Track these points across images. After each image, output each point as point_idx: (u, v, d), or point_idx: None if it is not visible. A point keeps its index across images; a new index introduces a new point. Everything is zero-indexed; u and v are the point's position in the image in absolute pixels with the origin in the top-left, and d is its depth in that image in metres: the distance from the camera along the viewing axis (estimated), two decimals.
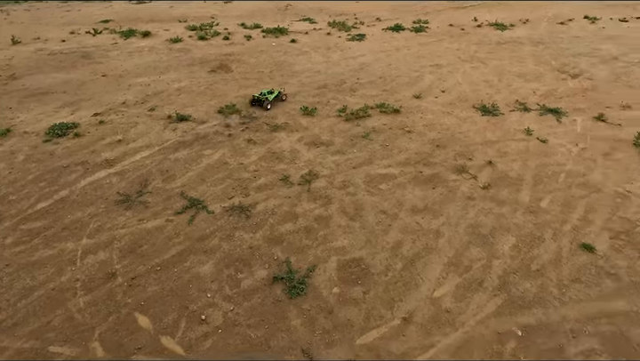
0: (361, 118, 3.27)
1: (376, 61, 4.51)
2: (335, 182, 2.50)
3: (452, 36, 5.48)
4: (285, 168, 2.63)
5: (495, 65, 4.42)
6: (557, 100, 3.60)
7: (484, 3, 7.33)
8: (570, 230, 2.13)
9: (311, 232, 2.11)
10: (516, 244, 2.04)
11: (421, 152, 2.82)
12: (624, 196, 2.39)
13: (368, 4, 7.36)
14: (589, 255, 1.97)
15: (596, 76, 4.09)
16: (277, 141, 2.94)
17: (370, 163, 2.70)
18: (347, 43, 5.16)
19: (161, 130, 3.07)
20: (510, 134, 3.05)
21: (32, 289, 1.77)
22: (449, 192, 2.42)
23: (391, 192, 2.42)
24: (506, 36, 5.42)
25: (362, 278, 1.85)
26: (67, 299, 1.72)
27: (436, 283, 1.82)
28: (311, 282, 1.82)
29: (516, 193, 2.41)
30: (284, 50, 4.88)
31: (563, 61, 4.51)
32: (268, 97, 3.35)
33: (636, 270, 1.89)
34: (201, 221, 2.17)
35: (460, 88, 3.85)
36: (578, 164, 2.68)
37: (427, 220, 2.20)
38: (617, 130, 3.10)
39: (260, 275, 1.86)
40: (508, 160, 2.73)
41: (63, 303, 1.70)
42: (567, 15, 6.49)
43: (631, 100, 3.57)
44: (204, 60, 4.54)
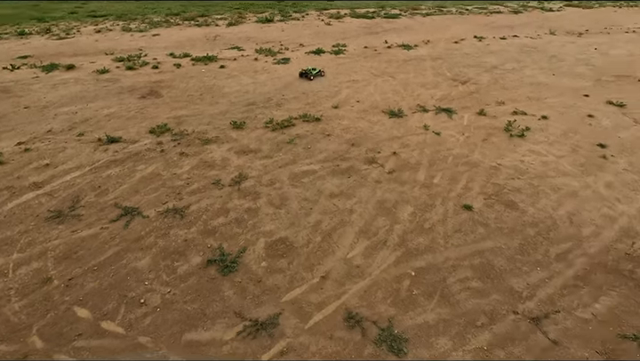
0: (286, 128, 3.64)
1: (299, 80, 4.99)
2: (263, 181, 2.80)
3: (366, 56, 6.21)
4: (217, 173, 2.87)
5: (402, 78, 5.13)
6: (450, 101, 4.30)
7: (394, 28, 8.35)
8: (454, 197, 2.63)
9: (242, 222, 2.37)
10: (414, 212, 2.48)
11: (339, 150, 3.24)
12: (496, 168, 2.99)
13: (293, 31, 7.99)
14: (468, 212, 2.47)
15: (479, 82, 4.94)
16: (209, 152, 3.18)
17: (294, 162, 3.05)
18: (273, 66, 5.61)
19: (91, 152, 3.15)
20: (412, 130, 3.61)
21: None
22: (361, 178, 2.84)
23: (312, 183, 2.77)
24: (411, 55, 6.27)
25: (286, 252, 2.14)
26: (1, 306, 1.78)
27: (349, 247, 2.17)
28: (242, 261, 2.07)
29: (414, 174, 2.90)
30: (213, 75, 5.18)
31: (455, 72, 5.36)
32: (312, 72, 4.96)
33: (501, 220, 2.41)
34: (136, 225, 2.32)
35: (373, 98, 4.43)
36: (463, 148, 3.28)
37: (342, 201, 2.57)
38: (493, 120, 3.82)
39: (195, 261, 2.06)
40: (409, 150, 3.25)
41: None
42: (460, 36, 7.64)
43: (504, 97, 4.40)
44: (134, 87, 4.66)
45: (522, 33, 7.95)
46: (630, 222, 2.39)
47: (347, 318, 1.74)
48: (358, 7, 11.01)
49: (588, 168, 3.00)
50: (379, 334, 1.66)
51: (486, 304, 1.83)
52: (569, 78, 5.13)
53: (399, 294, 1.87)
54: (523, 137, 3.48)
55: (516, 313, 1.78)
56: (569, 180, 2.84)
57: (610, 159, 3.13)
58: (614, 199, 2.62)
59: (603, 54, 6.40)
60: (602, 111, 4.07)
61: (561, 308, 1.81)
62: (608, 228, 2.35)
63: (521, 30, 8.23)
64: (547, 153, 3.21)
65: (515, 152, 3.22)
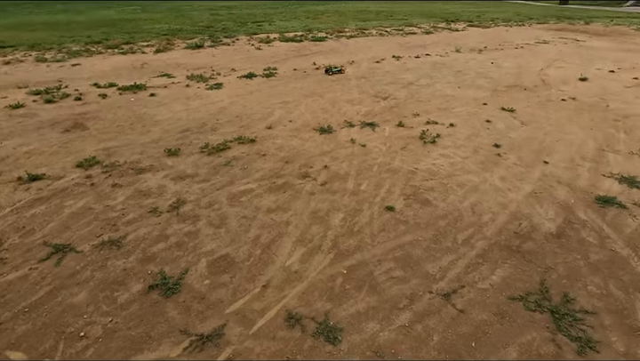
0: (222, 151, 3.76)
1: (232, 104, 5.15)
2: (202, 204, 2.89)
3: (296, 78, 6.57)
4: (154, 201, 2.90)
5: (330, 97, 5.53)
6: (373, 116, 4.76)
7: (321, 51, 8.90)
8: (379, 200, 2.96)
9: (182, 245, 2.44)
10: (344, 217, 2.75)
11: (274, 168, 3.44)
12: (413, 172, 3.40)
13: (224, 57, 8.14)
14: (391, 213, 2.80)
15: (398, 97, 5.52)
16: (144, 182, 3.18)
17: (232, 183, 3.18)
18: (205, 91, 5.70)
19: (11, 192, 2.98)
20: (341, 145, 3.95)
21: None
22: (296, 192, 3.06)
23: (250, 202, 2.93)
24: (337, 75, 6.77)
25: (228, 268, 2.26)
26: None
27: (287, 256, 2.36)
28: (184, 281, 2.15)
29: (344, 184, 3.20)
30: (143, 104, 5.12)
31: (377, 89, 5.91)
32: (333, 69, 6.68)
33: (418, 216, 2.78)
34: (69, 261, 2.28)
35: (304, 117, 4.73)
36: (385, 157, 3.67)
37: (279, 215, 2.76)
38: (410, 131, 4.32)
39: (136, 288, 2.10)
40: (338, 162, 3.56)
41: None
42: (381, 56, 8.40)
43: (419, 110, 4.98)
44: (55, 121, 4.45)
45: (433, 51, 8.96)
46: (518, 207, 2.90)
47: (287, 319, 1.91)
48: (287, 31, 11.53)
49: (486, 165, 3.55)
50: (316, 328, 1.86)
51: (407, 288, 2.12)
52: (471, 90, 5.94)
53: (333, 291, 2.09)
54: (434, 143, 3.99)
55: (431, 292, 2.09)
56: (472, 176, 3.34)
57: (503, 156, 3.73)
58: (506, 189, 3.15)
59: (498, 67, 7.49)
60: (497, 116, 4.81)
61: (466, 283, 2.16)
62: (501, 213, 2.82)
63: (432, 49, 9.27)
64: (454, 155, 3.73)
65: (428, 157, 3.70)
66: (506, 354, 1.75)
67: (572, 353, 1.77)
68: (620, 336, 1.86)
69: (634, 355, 1.77)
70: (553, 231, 2.62)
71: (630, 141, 4.08)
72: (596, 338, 1.84)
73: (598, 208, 2.89)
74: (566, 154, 3.78)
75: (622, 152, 3.83)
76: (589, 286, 2.16)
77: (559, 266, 2.31)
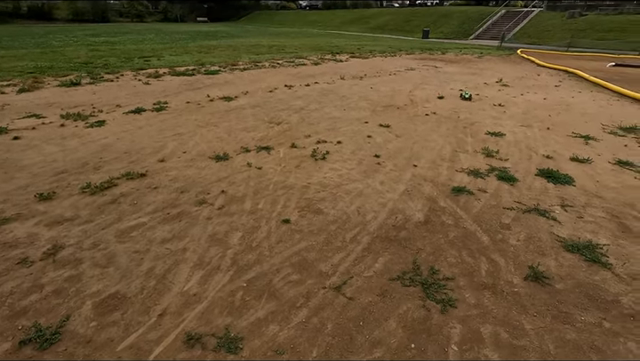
0: (107, 189, 3.52)
1: (119, 140, 4.85)
2: (84, 246, 2.67)
3: (190, 110, 6.50)
4: (22, 252, 2.57)
5: (225, 126, 5.62)
6: (268, 140, 5.00)
7: (215, 83, 8.98)
8: (276, 215, 3.13)
9: (62, 292, 2.22)
10: (243, 236, 2.84)
11: (168, 200, 3.36)
12: (306, 186, 3.69)
13: (106, 93, 7.59)
14: (287, 225, 2.99)
15: (291, 122, 5.90)
16: (9, 232, 2.80)
17: (119, 220, 3.00)
18: (85, 130, 5.25)
19: None
20: (237, 169, 4.05)
21: None
22: (192, 220, 3.04)
23: (142, 235, 2.81)
24: (232, 105, 6.92)
25: (119, 305, 2.14)
26: None
27: (185, 281, 2.34)
28: (65, 329, 1.96)
29: (241, 205, 3.30)
30: (5, 149, 4.48)
31: (271, 116, 6.22)
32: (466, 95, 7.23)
33: (312, 224, 3.02)
34: None
35: (199, 147, 4.72)
36: (281, 176, 3.90)
37: (175, 244, 2.71)
38: (303, 150, 4.66)
39: (4, 348, 1.84)
40: (235, 186, 3.65)
41: None
42: (274, 86, 8.85)
43: (310, 131, 5.41)
44: None
45: (321, 80, 9.80)
46: (395, 204, 3.38)
47: (186, 341, 1.90)
48: (178, 65, 11.33)
49: (368, 173, 4.04)
50: (217, 343, 1.89)
51: (303, 289, 2.30)
52: (355, 111, 6.68)
53: (234, 305, 2.15)
54: (325, 159, 4.38)
55: (325, 288, 2.31)
56: (357, 184, 3.77)
57: (382, 164, 4.29)
58: (385, 191, 3.63)
59: (376, 91, 8.55)
60: (376, 132, 5.50)
61: (354, 274, 2.44)
62: (382, 211, 3.25)
63: (321, 78, 10.13)
64: (342, 168, 4.15)
65: (320, 172, 4.04)
66: (387, 325, 2.04)
67: (438, 313, 2.14)
68: (472, 292, 2.32)
69: (482, 305, 2.22)
70: (421, 220, 3.12)
71: (475, 143, 5.09)
72: (454, 297, 2.26)
73: (453, 196, 3.54)
74: (430, 157, 4.53)
75: (469, 151, 4.75)
76: (449, 258, 2.63)
77: (427, 246, 2.76)
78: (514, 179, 3.93)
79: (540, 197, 3.55)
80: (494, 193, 3.63)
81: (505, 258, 2.65)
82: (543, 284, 2.39)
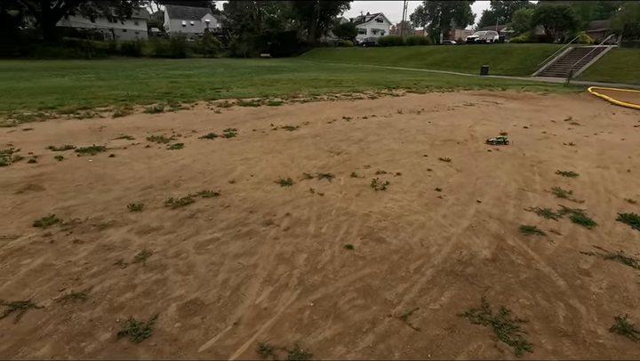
0: (186, 205, 3.89)
1: (195, 162, 5.36)
2: (168, 254, 2.96)
3: (255, 137, 7.00)
4: (118, 254, 2.92)
5: (289, 153, 5.96)
6: (329, 169, 5.20)
7: (278, 114, 9.59)
8: (339, 240, 3.23)
9: (151, 293, 2.48)
10: (308, 257, 2.96)
11: (239, 218, 3.63)
12: (367, 215, 3.76)
13: (183, 120, 8.45)
14: (350, 251, 3.07)
15: (350, 152, 6.09)
16: (107, 236, 3.20)
17: (197, 234, 3.30)
18: (166, 151, 5.88)
19: None
20: (301, 194, 4.26)
21: None
22: (261, 238, 3.24)
23: (217, 249, 3.05)
24: (294, 134, 7.32)
25: (199, 310, 2.33)
26: None
27: (256, 295, 2.49)
28: (155, 326, 2.18)
29: (306, 228, 3.45)
30: (102, 164, 5.16)
31: (331, 145, 6.48)
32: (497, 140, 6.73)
33: (374, 252, 3.07)
34: (30, 318, 2.22)
35: (265, 171, 5.05)
36: (342, 203, 4.02)
37: (246, 259, 2.91)
38: (362, 180, 4.78)
39: (105, 337, 2.09)
40: (300, 210, 3.83)
41: None
42: (333, 118, 9.22)
43: (369, 162, 5.53)
44: (7, 184, 4.33)
45: (378, 113, 10.02)
46: (459, 239, 3.32)
47: (259, 351, 2.01)
48: (244, 97, 12.30)
49: (430, 206, 4.01)
50: (288, 356, 1.97)
51: (369, 314, 2.32)
52: (413, 144, 6.72)
53: (302, 322, 2.24)
54: (384, 190, 4.45)
55: (390, 316, 2.32)
56: (418, 216, 3.76)
57: (444, 198, 4.25)
58: (448, 225, 3.58)
59: (434, 125, 8.53)
60: (436, 166, 5.47)
61: (419, 305, 2.42)
62: (446, 245, 3.21)
63: (378, 111, 10.36)
64: (402, 199, 4.18)
65: (380, 201, 4.11)
66: None
67: (512, 355, 2.04)
68: (549, 338, 2.18)
69: (560, 352, 2.08)
70: (489, 257, 3.02)
71: (544, 182, 4.85)
72: (529, 341, 2.15)
73: (523, 236, 3.38)
74: (494, 194, 4.39)
75: (538, 190, 4.53)
76: (521, 299, 2.51)
77: (496, 285, 2.66)
78: (591, 222, 3.67)
79: (623, 244, 3.27)
80: (569, 236, 3.41)
81: (586, 305, 2.46)
82: (634, 338, 2.18)
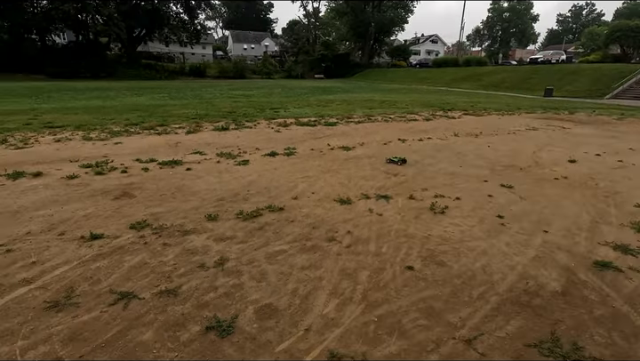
0: (255, 217, 4.24)
1: (260, 178, 5.78)
2: (242, 261, 3.27)
3: (314, 157, 7.34)
4: (200, 258, 3.29)
5: (346, 173, 6.19)
6: (386, 190, 5.33)
7: (334, 134, 9.94)
8: (399, 261, 3.33)
9: (230, 295, 2.77)
10: (370, 275, 3.10)
11: (303, 233, 3.88)
12: (427, 237, 3.82)
13: (247, 138, 9.11)
14: (411, 272, 3.15)
15: (407, 174, 6.16)
16: (190, 242, 3.61)
17: (266, 245, 3.59)
18: (235, 167, 6.40)
19: (76, 248, 3.41)
20: (360, 214, 4.43)
21: None
22: (325, 253, 3.45)
23: (285, 260, 3.31)
24: (351, 155, 7.56)
25: (273, 315, 2.57)
26: None
27: (324, 306, 2.68)
28: (236, 325, 2.45)
29: (367, 246, 3.60)
30: (181, 176, 5.78)
31: (388, 167, 6.60)
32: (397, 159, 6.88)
33: (435, 275, 3.12)
34: (135, 306, 2.61)
35: (325, 190, 5.30)
36: (401, 225, 4.12)
37: (312, 272, 3.12)
38: (420, 203, 4.83)
39: (195, 329, 2.39)
40: (360, 229, 4.00)
41: None
42: (388, 139, 9.35)
43: (427, 185, 5.56)
44: (106, 190, 5.04)
45: (434, 135, 9.96)
46: (525, 269, 3.25)
47: (330, 357, 2.17)
48: (301, 117, 12.89)
49: (492, 233, 3.96)
50: None
51: (433, 335, 2.40)
52: (472, 169, 6.61)
53: (368, 336, 2.37)
54: (444, 213, 4.46)
55: (454, 338, 2.37)
56: (480, 242, 3.74)
57: (506, 226, 4.16)
58: (512, 253, 3.52)
59: (494, 150, 8.29)
60: (498, 192, 5.35)
61: (484, 331, 2.44)
62: (510, 274, 3.16)
63: (433, 133, 10.29)
64: (462, 224, 4.17)
65: (439, 225, 4.14)
66: None
67: None
68: None
69: None
70: (558, 290, 2.93)
71: (621, 215, 4.53)
72: None
73: (597, 271, 3.22)
74: (563, 225, 4.21)
75: (614, 224, 4.25)
76: (595, 337, 2.42)
77: (567, 319, 2.59)
78: None
79: None
80: None
81: None
82: None
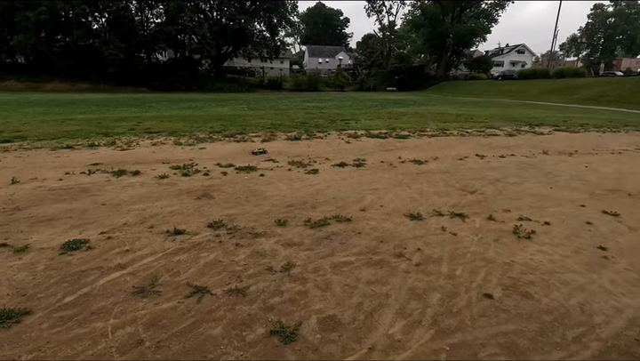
0: (322, 226, 4.25)
1: (328, 187, 5.81)
2: (308, 269, 3.27)
3: (383, 169, 7.18)
4: (268, 262, 3.38)
5: (417, 187, 5.92)
6: (462, 208, 4.95)
7: (405, 147, 9.64)
8: (476, 287, 3.03)
9: (294, 302, 2.78)
10: (442, 298, 2.86)
11: (370, 246, 3.77)
12: (509, 264, 3.43)
13: (318, 148, 9.29)
14: (490, 300, 2.84)
15: (486, 192, 5.67)
16: (260, 244, 3.74)
17: (332, 255, 3.56)
18: (304, 175, 6.54)
19: (162, 241, 3.75)
20: (431, 231, 4.17)
21: (74, 356, 2.16)
22: (392, 269, 3.29)
23: (351, 272, 3.23)
24: (423, 168, 7.23)
25: (336, 327, 2.50)
26: (106, 360, 2.14)
27: (390, 325, 2.53)
28: (299, 333, 2.43)
29: (438, 267, 3.35)
30: (255, 182, 6.08)
31: (463, 183, 6.16)
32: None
33: (519, 307, 2.77)
34: (207, 301, 2.75)
35: (394, 204, 5.12)
36: (478, 247, 3.77)
37: (378, 287, 2.99)
38: (502, 225, 4.38)
39: (260, 331, 2.43)
40: (431, 247, 3.75)
41: None
42: (464, 154, 8.77)
43: (509, 206, 5.04)
44: (190, 190, 5.52)
45: (518, 152, 9.08)
46: (636, 313, 2.71)
47: None
48: (372, 129, 12.79)
49: (591, 266, 3.41)
50: None
51: None
52: (565, 191, 5.84)
53: None
54: (530, 239, 3.98)
55: None
56: (576, 276, 3.23)
57: (611, 260, 3.55)
58: (619, 293, 2.97)
59: (594, 171, 7.25)
60: (599, 219, 4.62)
61: None
62: (617, 317, 2.66)
63: (517, 150, 9.39)
64: (553, 253, 3.66)
65: (524, 251, 3.69)
66: None
67: None
68: None
69: None
70: None
71: None
72: None
73: None
74: None
75: None
76: None
77: None
78: None
79: None
80: None
81: None
82: None
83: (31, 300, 2.71)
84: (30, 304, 2.66)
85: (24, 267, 3.18)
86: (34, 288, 2.87)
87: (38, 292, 2.81)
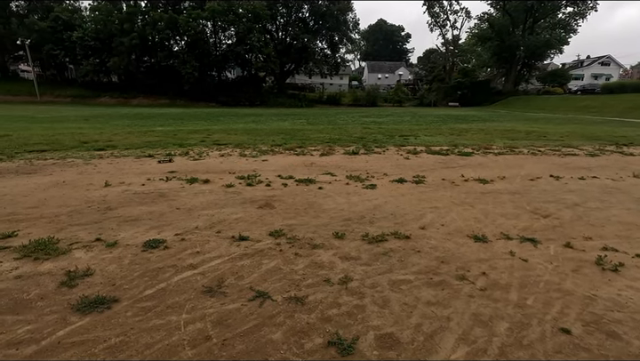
0: (380, 242, 4.21)
1: (386, 203, 5.75)
2: (366, 284, 3.26)
3: (445, 187, 6.92)
4: (326, 273, 3.44)
5: (482, 208, 5.60)
6: (533, 232, 4.58)
7: (468, 164, 9.19)
8: (551, 319, 2.77)
9: (352, 315, 2.79)
10: (510, 327, 2.67)
11: (430, 266, 3.65)
12: (591, 298, 3.08)
13: (376, 163, 9.26)
14: (567, 336, 2.58)
15: (562, 217, 5.17)
16: (318, 255, 3.82)
17: (390, 272, 3.50)
18: (362, 190, 6.55)
19: (228, 246, 4.01)
20: (498, 255, 3.91)
21: (152, 344, 2.40)
22: (454, 292, 3.15)
23: (410, 291, 3.15)
24: (488, 188, 6.83)
25: (394, 346, 2.45)
26: (178, 351, 2.34)
27: (451, 350, 2.42)
28: (356, 347, 2.43)
29: (506, 294, 3.13)
30: (313, 194, 6.23)
31: (535, 206, 5.69)
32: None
33: (604, 347, 2.47)
34: (268, 306, 2.88)
35: (456, 223, 4.90)
36: (553, 276, 3.45)
37: (439, 309, 2.88)
38: (582, 254, 3.96)
39: (318, 341, 2.48)
40: (497, 272, 3.52)
41: (176, 354, 2.31)
42: (536, 174, 8.12)
43: (591, 233, 4.54)
44: (253, 199, 5.83)
45: (601, 174, 8.16)
46: None
47: None
48: (432, 145, 12.41)
49: None
50: None
51: None
52: None
53: None
54: (617, 272, 3.54)
55: None
56: None
57: None
58: None
59: None
60: None
61: None
62: None
63: (600, 172, 8.45)
64: None
65: (610, 286, 3.29)
66: None
67: None
68: None
69: None
70: None
71: None
72: None
73: None
74: None
75: None
76: None
77: None
78: None
79: None
80: None
81: None
82: None
83: (119, 290, 3.06)
84: (118, 293, 3.01)
85: (113, 260, 3.61)
86: (121, 280, 3.24)
87: (124, 284, 3.17)
